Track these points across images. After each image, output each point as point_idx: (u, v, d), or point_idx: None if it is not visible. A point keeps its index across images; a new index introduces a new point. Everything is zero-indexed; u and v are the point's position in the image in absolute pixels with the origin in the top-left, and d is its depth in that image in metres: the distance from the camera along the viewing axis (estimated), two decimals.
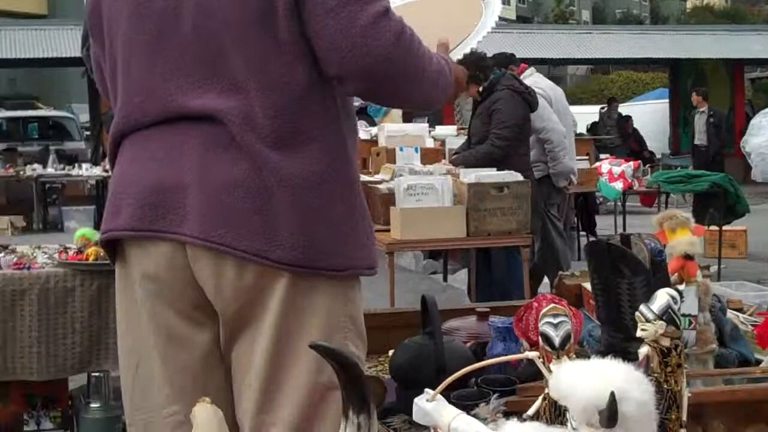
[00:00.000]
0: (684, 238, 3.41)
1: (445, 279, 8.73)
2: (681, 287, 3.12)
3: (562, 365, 1.54)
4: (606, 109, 20.64)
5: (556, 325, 1.91)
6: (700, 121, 16.22)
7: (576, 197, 9.70)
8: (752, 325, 3.53)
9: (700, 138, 16.51)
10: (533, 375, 2.94)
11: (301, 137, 2.00)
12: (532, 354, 1.80)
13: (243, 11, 1.97)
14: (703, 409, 2.43)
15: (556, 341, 1.89)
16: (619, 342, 2.86)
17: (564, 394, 1.45)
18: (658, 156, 19.79)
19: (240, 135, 1.97)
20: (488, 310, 3.49)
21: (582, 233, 10.60)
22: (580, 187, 9.08)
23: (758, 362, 3.15)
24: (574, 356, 1.86)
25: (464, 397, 2.56)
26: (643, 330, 1.89)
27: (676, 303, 1.89)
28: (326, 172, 2.02)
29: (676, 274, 3.18)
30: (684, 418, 1.96)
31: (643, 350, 1.92)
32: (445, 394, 1.84)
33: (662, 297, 1.89)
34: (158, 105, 2.05)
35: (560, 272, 3.91)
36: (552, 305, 1.93)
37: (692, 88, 22.04)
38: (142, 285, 2.11)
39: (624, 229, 9.25)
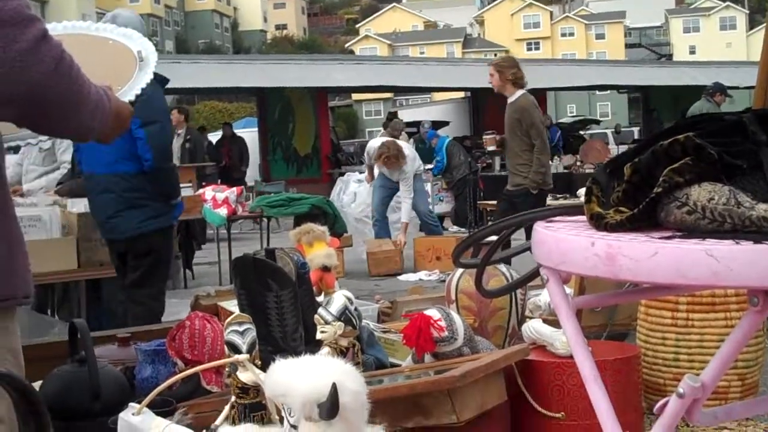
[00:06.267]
0: (321, 251, 3.55)
1: (53, 314, 8.37)
2: (320, 298, 3.25)
3: (275, 365, 1.56)
4: None
5: (242, 333, 1.93)
6: (176, 145, 14.58)
7: (180, 225, 9.64)
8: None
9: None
10: (189, 394, 2.94)
11: None
12: (242, 357, 1.81)
13: None
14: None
15: (244, 348, 1.91)
16: (267, 355, 2.93)
17: (282, 392, 1.47)
18: (251, 183, 20.12)
19: None
20: (129, 335, 3.44)
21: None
22: (185, 214, 9.05)
23: (393, 365, 3.33)
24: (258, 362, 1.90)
25: None
26: (322, 332, 1.96)
27: (352, 304, 1.98)
28: None
29: (316, 285, 3.30)
30: None
31: (324, 351, 1.99)
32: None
33: (339, 299, 1.97)
34: None
35: (197, 294, 3.92)
36: (237, 314, 1.95)
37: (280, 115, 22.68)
38: None
39: (230, 256, 9.35)
